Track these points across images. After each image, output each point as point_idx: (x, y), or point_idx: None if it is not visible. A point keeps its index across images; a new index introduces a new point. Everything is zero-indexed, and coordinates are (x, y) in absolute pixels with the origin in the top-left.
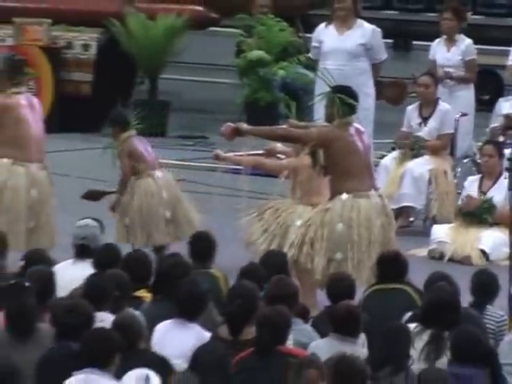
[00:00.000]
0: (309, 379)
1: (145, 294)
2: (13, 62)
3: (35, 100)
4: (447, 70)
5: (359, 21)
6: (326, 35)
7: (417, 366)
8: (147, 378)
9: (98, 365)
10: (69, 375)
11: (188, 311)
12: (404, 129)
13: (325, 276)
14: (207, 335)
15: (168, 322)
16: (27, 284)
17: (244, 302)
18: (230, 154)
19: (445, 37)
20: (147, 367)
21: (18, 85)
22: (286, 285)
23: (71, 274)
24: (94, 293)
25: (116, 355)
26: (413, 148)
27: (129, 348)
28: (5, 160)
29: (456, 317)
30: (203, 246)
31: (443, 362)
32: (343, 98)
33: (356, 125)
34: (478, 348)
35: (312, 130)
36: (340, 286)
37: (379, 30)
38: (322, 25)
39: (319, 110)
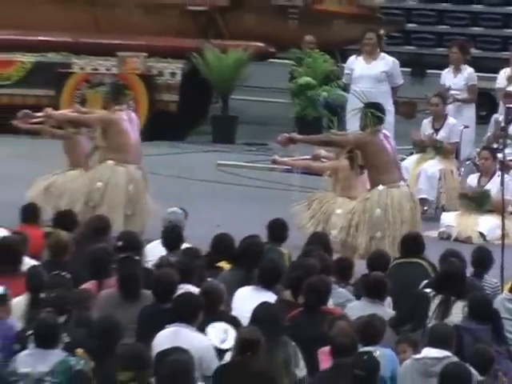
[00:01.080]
0: (339, 327)
1: (224, 265)
2: (116, 87)
3: (133, 115)
4: (454, 92)
5: (382, 54)
6: (356, 64)
7: (431, 324)
8: (226, 331)
9: (185, 320)
10: (162, 328)
11: (267, 281)
12: (422, 137)
13: (367, 251)
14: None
15: (248, 288)
16: (136, 258)
17: (303, 273)
18: (285, 159)
19: (452, 66)
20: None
21: (120, 104)
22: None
23: (159, 251)
24: (182, 269)
25: (199, 314)
26: (435, 146)
27: (210, 309)
28: (109, 162)
29: (462, 286)
30: (278, 230)
31: (450, 320)
32: (374, 112)
33: (384, 131)
34: (487, 309)
35: (349, 137)
36: (379, 261)
37: (397, 61)
38: (353, 56)
39: (351, 122)
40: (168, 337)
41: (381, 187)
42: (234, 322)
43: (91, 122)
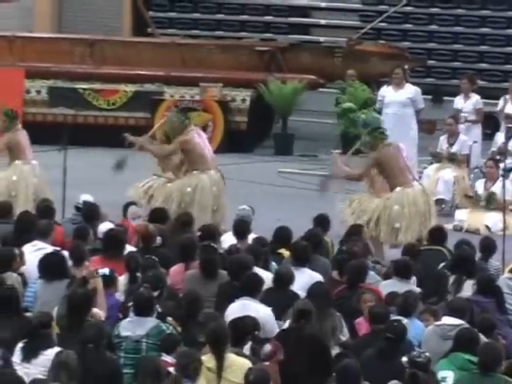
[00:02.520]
0: (365, 300)
1: (284, 251)
2: (180, 115)
3: (201, 132)
4: (464, 115)
5: (407, 84)
6: (387, 92)
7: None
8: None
9: (251, 294)
10: (233, 301)
11: (299, 260)
12: (438, 150)
13: (388, 238)
14: (316, 275)
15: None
16: (214, 245)
17: (346, 257)
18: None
19: (463, 94)
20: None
21: (190, 125)
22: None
23: (232, 240)
24: (250, 253)
25: (261, 289)
26: (451, 157)
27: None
28: (194, 172)
29: (472, 267)
30: (324, 223)
31: (462, 295)
32: (380, 131)
33: (395, 143)
34: (491, 286)
35: (368, 163)
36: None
37: (419, 89)
38: (385, 86)
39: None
40: (238, 307)
41: (398, 189)
42: (295, 296)
43: (173, 150)
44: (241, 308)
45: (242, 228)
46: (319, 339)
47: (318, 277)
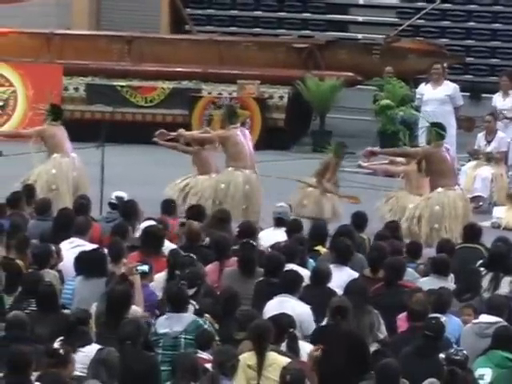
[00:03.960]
0: (417, 297)
1: (321, 248)
2: (230, 109)
3: (246, 131)
4: (503, 112)
5: (446, 81)
6: (426, 90)
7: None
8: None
9: (289, 291)
10: (272, 297)
11: (341, 259)
12: (475, 147)
13: (428, 238)
14: (355, 274)
15: (332, 265)
16: (254, 243)
17: (378, 254)
18: (369, 163)
19: (502, 91)
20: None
21: (234, 123)
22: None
23: (272, 236)
24: (287, 251)
25: (300, 287)
26: (488, 157)
27: (319, 285)
28: (230, 168)
29: (508, 264)
30: (361, 220)
31: (499, 292)
32: (437, 130)
33: (445, 145)
34: None
35: (418, 149)
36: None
37: (458, 86)
38: (423, 83)
39: (422, 136)
40: (276, 305)
41: (440, 189)
42: (332, 293)
43: (211, 139)
44: (278, 305)
45: (280, 225)
46: (357, 335)
47: (356, 275)
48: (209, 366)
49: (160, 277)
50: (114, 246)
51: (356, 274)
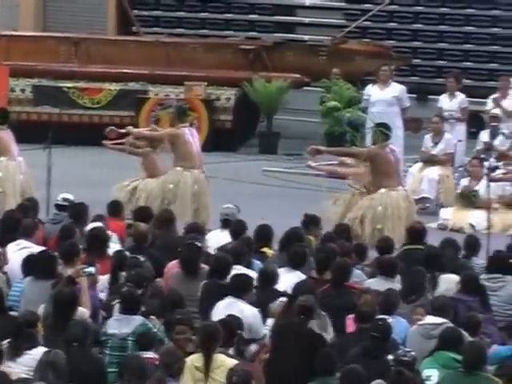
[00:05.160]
0: (365, 300)
1: (267, 250)
2: (181, 109)
3: (194, 131)
4: (450, 113)
5: (393, 82)
6: (373, 91)
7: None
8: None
9: (239, 295)
10: (220, 299)
11: (294, 263)
12: (423, 149)
13: (370, 239)
14: (304, 276)
15: (282, 269)
16: (197, 244)
17: (325, 256)
18: (317, 164)
19: (448, 93)
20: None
21: (183, 122)
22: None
23: (219, 238)
24: (233, 252)
25: (251, 290)
26: (432, 160)
27: (266, 287)
28: (178, 168)
29: (442, 262)
30: (311, 221)
31: (439, 291)
32: (382, 130)
33: (391, 146)
34: (476, 284)
35: (363, 150)
36: (385, 245)
37: (405, 88)
38: (370, 85)
39: (369, 138)
40: (224, 307)
41: (383, 190)
42: (279, 295)
43: (161, 137)
44: (227, 307)
45: (226, 226)
46: (317, 335)
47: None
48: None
49: (105, 278)
50: (68, 247)
51: (305, 277)
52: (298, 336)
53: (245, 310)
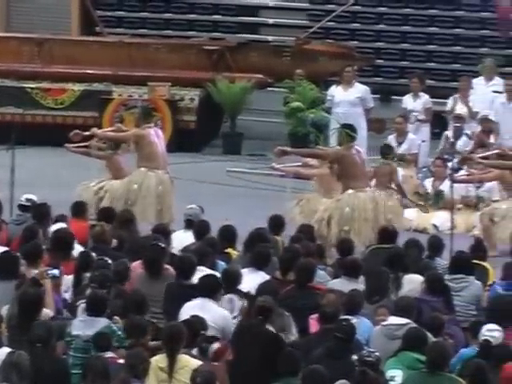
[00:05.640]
0: (328, 301)
1: (231, 251)
2: (145, 109)
3: (159, 131)
4: (414, 114)
5: (357, 83)
6: (337, 92)
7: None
8: (232, 300)
9: (209, 296)
10: (184, 300)
11: (258, 264)
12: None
13: (337, 240)
14: (268, 277)
15: (246, 269)
16: (163, 245)
17: (289, 256)
18: (281, 166)
19: (412, 93)
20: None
21: (148, 122)
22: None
23: (182, 238)
24: (198, 253)
25: (220, 291)
26: (400, 159)
27: (230, 287)
28: (142, 169)
29: (405, 263)
30: (277, 222)
31: (402, 292)
32: (348, 131)
33: (356, 147)
34: (440, 284)
35: (329, 151)
36: (345, 246)
37: (368, 88)
38: (334, 86)
39: (333, 138)
40: (196, 308)
41: (350, 191)
42: (247, 295)
43: (126, 138)
44: (199, 309)
45: (190, 226)
46: (276, 336)
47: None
48: (121, 361)
49: (69, 279)
50: (32, 248)
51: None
52: (257, 337)
53: (218, 312)
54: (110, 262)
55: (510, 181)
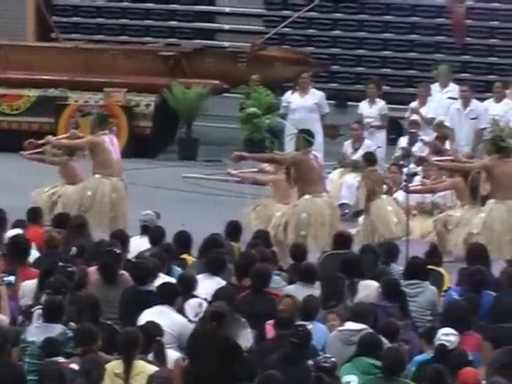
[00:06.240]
0: (286, 305)
1: (187, 257)
2: (100, 116)
3: (114, 138)
4: (369, 120)
5: (313, 89)
6: (293, 98)
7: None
8: (200, 304)
9: (168, 303)
10: (141, 306)
11: (213, 269)
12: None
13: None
14: (224, 282)
15: (202, 275)
16: (118, 251)
17: (244, 262)
18: (237, 172)
19: (368, 99)
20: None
21: (103, 129)
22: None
23: (138, 244)
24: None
25: (178, 298)
26: (355, 167)
27: (187, 293)
28: (96, 176)
29: (361, 269)
30: (233, 228)
31: (358, 298)
32: (305, 137)
33: (313, 152)
34: (395, 290)
35: (286, 156)
36: (297, 252)
37: (324, 94)
38: (289, 92)
39: (288, 144)
40: (155, 315)
41: (307, 196)
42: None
43: (81, 146)
44: (158, 315)
45: (146, 232)
46: (231, 341)
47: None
48: (74, 365)
49: (29, 285)
50: None
51: (224, 283)
52: (210, 342)
53: (177, 318)
54: (73, 269)
55: (462, 189)
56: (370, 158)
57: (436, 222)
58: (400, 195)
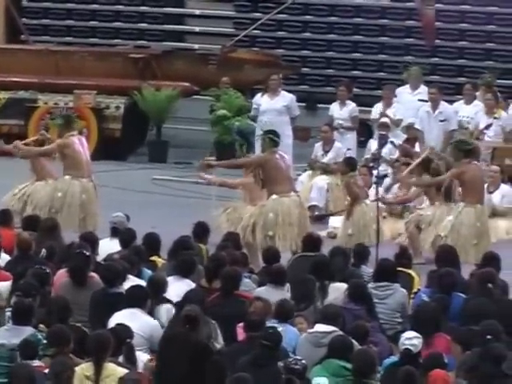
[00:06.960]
0: (256, 307)
1: (156, 259)
2: (68, 118)
3: (83, 139)
4: (340, 122)
5: (283, 91)
6: (263, 100)
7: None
8: (169, 310)
9: (138, 305)
10: (111, 308)
11: (183, 271)
12: (313, 157)
13: (262, 246)
14: (194, 284)
15: (171, 277)
16: (88, 253)
17: (214, 264)
18: (207, 175)
19: (339, 101)
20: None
21: (71, 131)
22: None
23: (108, 246)
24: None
25: (148, 301)
26: (324, 169)
27: (157, 295)
28: (66, 177)
29: (331, 272)
30: (201, 230)
31: (328, 300)
32: (271, 137)
33: (280, 152)
34: (363, 292)
35: (253, 158)
36: (269, 254)
37: (294, 97)
38: (259, 94)
39: (259, 146)
40: (126, 317)
41: (274, 196)
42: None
43: (51, 151)
44: (128, 318)
45: (115, 234)
46: (203, 345)
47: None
48: (47, 371)
49: (3, 286)
50: None
51: (194, 285)
52: (183, 346)
53: (149, 321)
54: (48, 271)
55: (431, 189)
56: (351, 163)
57: (408, 224)
58: (371, 197)
